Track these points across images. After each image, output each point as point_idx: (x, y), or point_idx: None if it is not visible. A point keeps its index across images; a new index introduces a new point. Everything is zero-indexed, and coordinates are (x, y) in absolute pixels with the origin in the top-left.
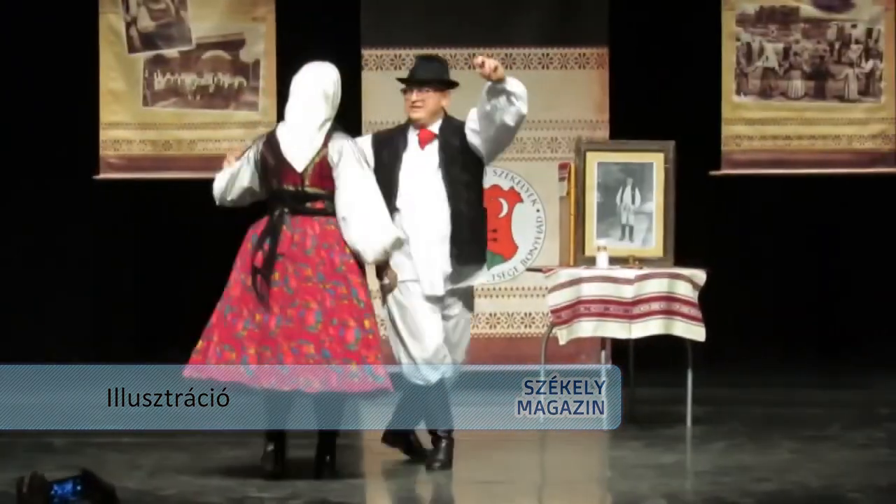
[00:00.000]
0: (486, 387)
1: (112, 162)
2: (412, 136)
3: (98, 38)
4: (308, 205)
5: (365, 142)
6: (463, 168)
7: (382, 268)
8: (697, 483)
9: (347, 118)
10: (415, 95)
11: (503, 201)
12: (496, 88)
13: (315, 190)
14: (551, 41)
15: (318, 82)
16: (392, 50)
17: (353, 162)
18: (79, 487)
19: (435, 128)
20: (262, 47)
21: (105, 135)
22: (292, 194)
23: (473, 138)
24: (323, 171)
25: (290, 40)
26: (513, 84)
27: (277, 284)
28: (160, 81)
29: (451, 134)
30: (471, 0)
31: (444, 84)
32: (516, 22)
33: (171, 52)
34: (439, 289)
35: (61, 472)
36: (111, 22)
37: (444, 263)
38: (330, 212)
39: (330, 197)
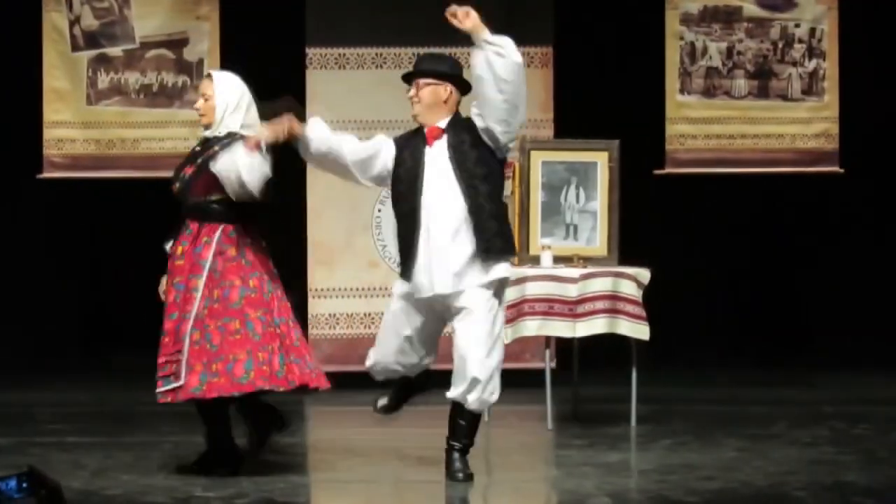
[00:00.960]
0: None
1: (55, 161)
2: (423, 135)
3: (42, 37)
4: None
5: (387, 145)
6: (478, 161)
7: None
8: (643, 481)
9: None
10: (410, 91)
11: None
12: (477, 43)
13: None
14: None
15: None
16: (336, 49)
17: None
18: (24, 484)
19: (442, 123)
20: (206, 46)
21: (48, 133)
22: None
23: (481, 121)
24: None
25: (235, 39)
26: (493, 36)
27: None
28: (104, 80)
29: (461, 128)
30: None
31: (437, 75)
32: None
33: (115, 51)
34: (444, 287)
35: (6, 470)
36: (54, 20)
37: (454, 262)
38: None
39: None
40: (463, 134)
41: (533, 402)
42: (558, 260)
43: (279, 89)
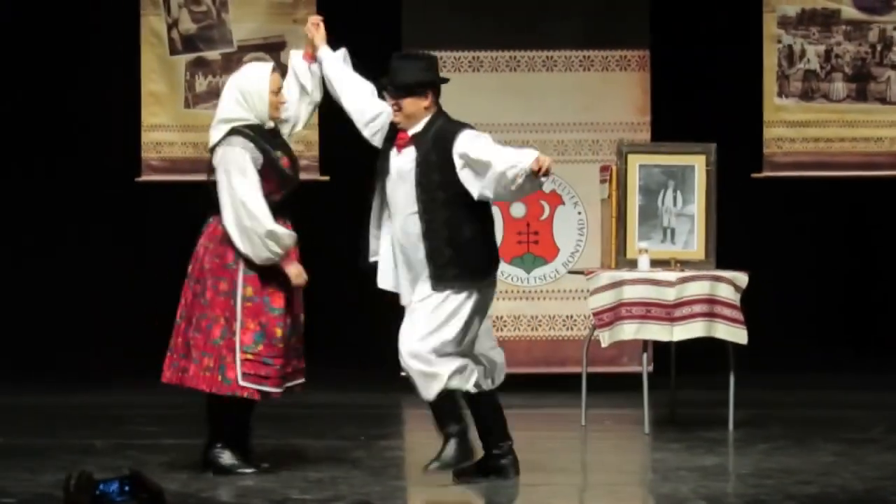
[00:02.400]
0: (528, 389)
1: (154, 164)
2: (396, 137)
3: (140, 40)
4: (216, 202)
5: (386, 116)
6: (440, 186)
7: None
8: (739, 486)
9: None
10: (390, 100)
11: (545, 204)
12: (535, 180)
13: (215, 191)
14: (592, 43)
15: (236, 85)
16: (433, 52)
17: (221, 172)
18: (126, 487)
19: (414, 130)
20: (302, 49)
21: (147, 137)
22: (207, 191)
23: (466, 176)
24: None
25: (331, 42)
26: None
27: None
28: (201, 83)
29: (432, 144)
30: (512, 2)
31: (421, 88)
32: (557, 24)
33: (213, 55)
34: (406, 300)
35: (104, 473)
36: (153, 24)
37: (414, 276)
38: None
39: None
40: (433, 153)
41: (630, 406)
42: (655, 263)
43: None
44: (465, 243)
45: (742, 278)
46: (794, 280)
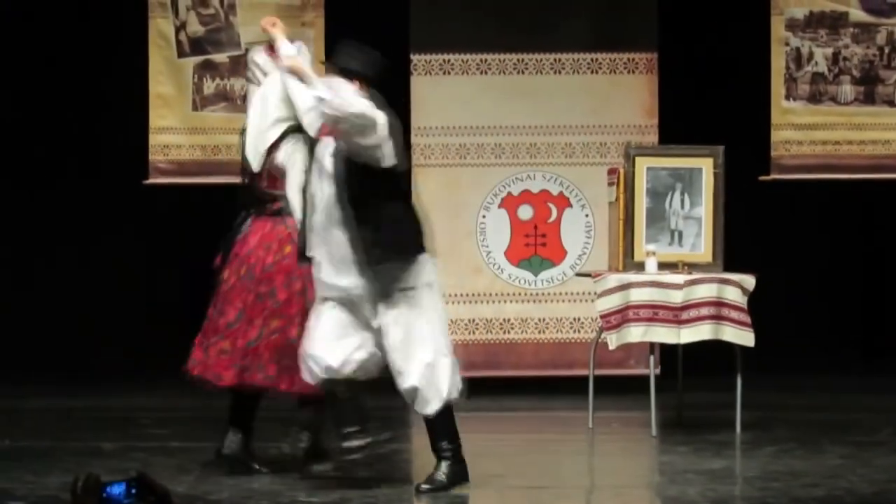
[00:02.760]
0: (536, 392)
1: (161, 167)
2: None
3: (148, 43)
4: (267, 206)
5: None
6: (347, 165)
7: None
8: (746, 488)
9: None
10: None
11: (552, 206)
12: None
13: (272, 192)
14: (600, 46)
15: (270, 81)
16: (441, 55)
17: (293, 171)
18: (133, 489)
19: None
20: (311, 52)
21: (154, 139)
22: (256, 196)
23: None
24: (272, 174)
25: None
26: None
27: (224, 284)
28: (209, 86)
29: None
30: (519, 5)
31: (347, 73)
32: (565, 27)
33: (221, 57)
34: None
35: (112, 475)
36: (160, 26)
37: (344, 266)
38: (287, 212)
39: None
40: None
41: (637, 409)
42: (663, 266)
43: (384, 95)
44: (380, 218)
45: (749, 281)
46: (801, 283)
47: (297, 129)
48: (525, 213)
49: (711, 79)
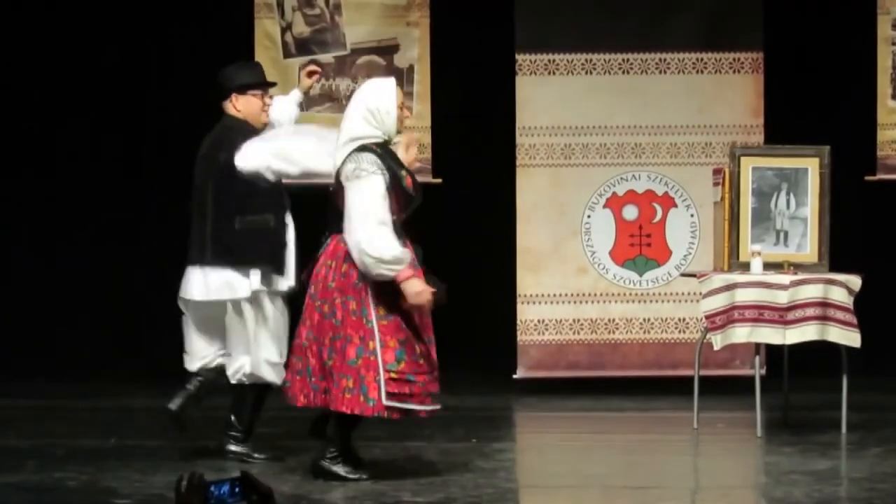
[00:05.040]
0: (641, 392)
1: None
2: None
3: (254, 44)
4: (341, 223)
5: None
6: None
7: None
8: (853, 490)
9: (502, 124)
10: (268, 99)
11: (657, 206)
12: None
13: (341, 208)
14: (705, 46)
15: (363, 100)
16: (546, 55)
17: (347, 183)
18: (237, 489)
19: None
20: (416, 52)
21: None
22: (335, 214)
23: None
24: (342, 190)
25: (445, 45)
26: None
27: (303, 305)
28: (315, 86)
29: None
30: (624, 5)
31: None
32: (670, 27)
33: (326, 57)
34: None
35: (217, 475)
36: (267, 27)
37: None
38: None
39: None
40: None
41: (742, 409)
42: (768, 266)
43: (489, 95)
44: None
45: (855, 281)
46: None
47: (370, 147)
48: (630, 213)
49: (817, 78)
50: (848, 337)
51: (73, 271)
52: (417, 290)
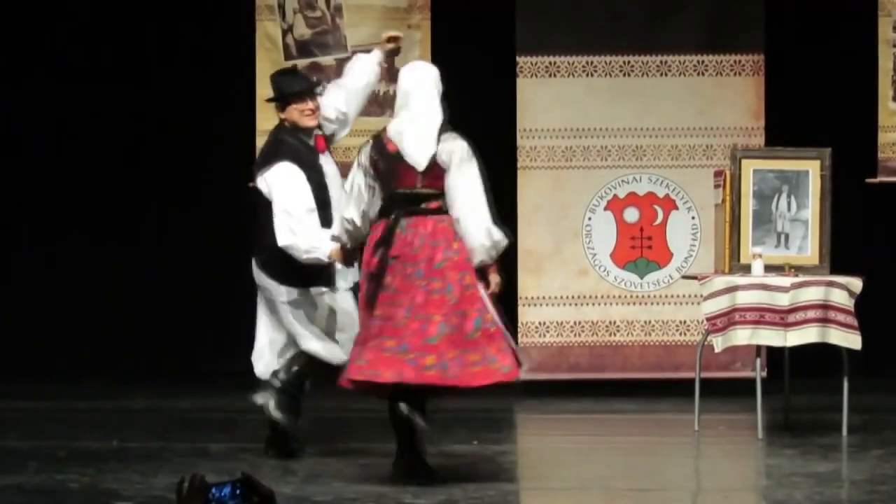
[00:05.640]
0: (642, 394)
1: None
2: (311, 143)
3: (255, 46)
4: (423, 205)
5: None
6: None
7: (484, 270)
8: (854, 492)
9: (503, 126)
10: (311, 104)
11: (658, 208)
12: None
13: (429, 190)
14: (706, 48)
15: (435, 82)
16: (547, 57)
17: (460, 163)
18: (238, 491)
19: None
20: (417, 55)
21: (261, 142)
22: (407, 196)
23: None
24: (435, 170)
25: (446, 48)
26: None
27: (387, 288)
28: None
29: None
30: (626, 7)
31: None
32: (671, 29)
33: (327, 60)
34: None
35: (219, 476)
36: (268, 29)
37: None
38: (445, 209)
39: (444, 195)
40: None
41: (743, 411)
42: (769, 268)
43: (490, 98)
44: None
45: (856, 283)
46: None
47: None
48: (631, 215)
49: (818, 81)
50: (849, 339)
51: (73, 271)
52: (499, 280)
